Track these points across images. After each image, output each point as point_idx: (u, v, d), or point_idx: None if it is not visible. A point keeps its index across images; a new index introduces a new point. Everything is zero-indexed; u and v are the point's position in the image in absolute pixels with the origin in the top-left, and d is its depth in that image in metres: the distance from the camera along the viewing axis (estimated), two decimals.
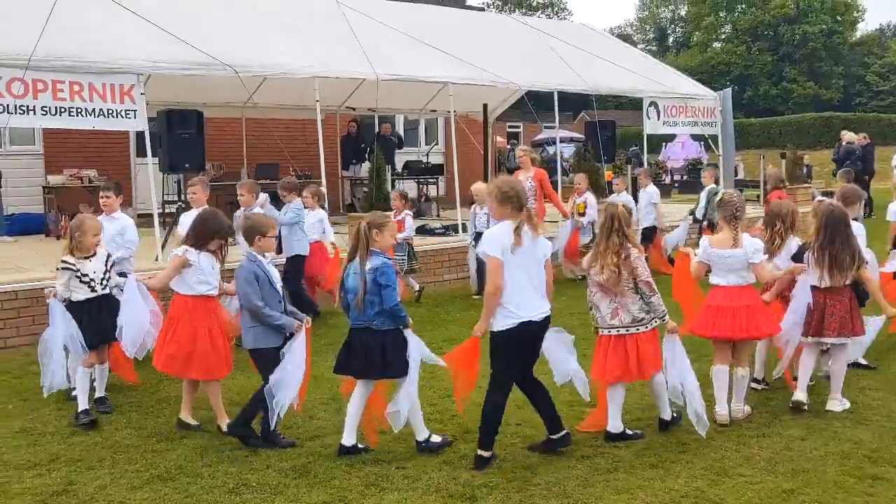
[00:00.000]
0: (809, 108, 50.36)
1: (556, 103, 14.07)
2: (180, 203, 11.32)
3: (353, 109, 16.55)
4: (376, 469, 5.06)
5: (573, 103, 33.29)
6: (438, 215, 16.28)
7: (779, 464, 5.00)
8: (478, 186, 10.65)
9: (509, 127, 32.69)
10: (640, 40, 68.97)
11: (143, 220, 11.09)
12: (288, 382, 5.28)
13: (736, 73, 56.75)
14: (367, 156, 16.11)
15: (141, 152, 15.00)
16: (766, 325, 5.87)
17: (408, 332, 5.31)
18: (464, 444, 5.40)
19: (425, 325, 9.18)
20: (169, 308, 5.97)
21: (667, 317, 5.47)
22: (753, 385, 6.39)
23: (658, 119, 15.53)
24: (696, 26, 64.37)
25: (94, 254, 6.13)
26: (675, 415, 5.66)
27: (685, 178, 27.51)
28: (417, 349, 5.31)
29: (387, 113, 18.01)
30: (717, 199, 6.20)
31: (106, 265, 6.21)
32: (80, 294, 6.04)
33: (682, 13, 68.62)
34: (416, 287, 10.70)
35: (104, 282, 6.15)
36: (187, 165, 11.56)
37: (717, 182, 13.11)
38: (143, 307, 5.97)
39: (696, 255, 6.06)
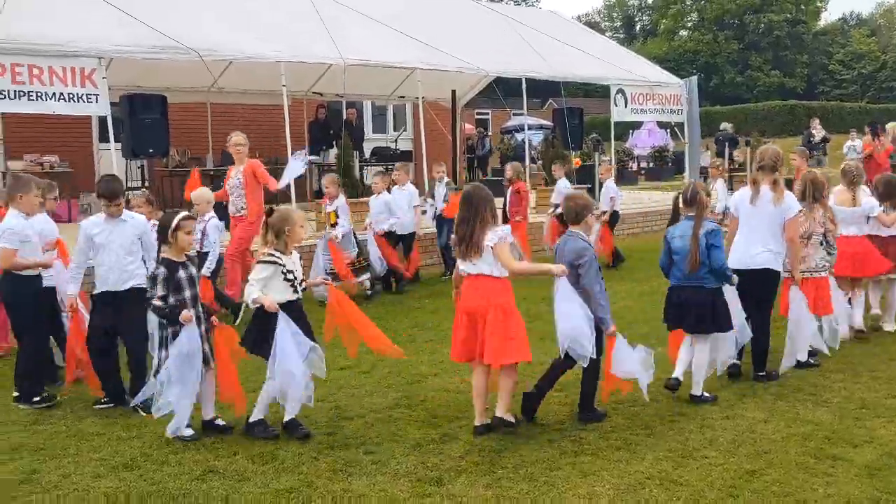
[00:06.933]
0: (774, 96, 50.93)
1: (524, 90, 14.08)
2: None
3: (321, 95, 16.42)
4: (344, 454, 5.05)
5: (541, 90, 33.42)
6: None
7: (742, 445, 5.07)
8: (199, 193, 8.35)
9: (478, 114, 32.66)
10: (608, 28, 69.16)
11: None
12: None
13: (702, 62, 57.21)
14: (335, 142, 16.00)
15: (103, 137, 14.75)
16: (878, 265, 7.37)
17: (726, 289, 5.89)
18: (431, 430, 5.41)
19: (392, 312, 9.19)
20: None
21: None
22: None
23: (625, 106, 15.64)
24: (662, 14, 64.73)
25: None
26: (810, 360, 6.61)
27: (651, 165, 27.78)
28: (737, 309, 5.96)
29: (354, 99, 17.88)
30: (842, 168, 7.70)
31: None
32: (283, 294, 5.37)
33: (650, 1, 68.94)
34: (369, 287, 9.82)
35: (302, 282, 5.58)
36: (151, 150, 11.45)
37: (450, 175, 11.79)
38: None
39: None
